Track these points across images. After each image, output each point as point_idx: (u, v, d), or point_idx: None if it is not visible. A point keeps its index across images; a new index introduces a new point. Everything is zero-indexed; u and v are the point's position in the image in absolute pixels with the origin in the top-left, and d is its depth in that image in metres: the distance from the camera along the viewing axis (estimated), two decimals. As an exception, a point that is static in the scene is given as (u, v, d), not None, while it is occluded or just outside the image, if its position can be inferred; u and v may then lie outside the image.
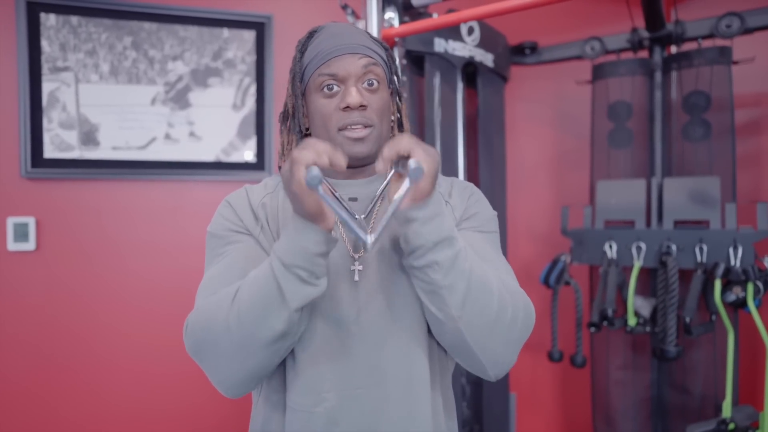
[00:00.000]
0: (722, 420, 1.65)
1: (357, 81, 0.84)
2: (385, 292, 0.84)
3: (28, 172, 1.77)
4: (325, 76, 0.83)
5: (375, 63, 0.85)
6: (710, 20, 1.80)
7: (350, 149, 0.84)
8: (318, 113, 0.85)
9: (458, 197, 0.94)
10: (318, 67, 0.84)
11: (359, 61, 0.84)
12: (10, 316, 1.79)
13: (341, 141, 0.84)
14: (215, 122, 1.95)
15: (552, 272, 1.96)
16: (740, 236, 1.67)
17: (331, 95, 0.84)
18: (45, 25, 1.78)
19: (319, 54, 0.85)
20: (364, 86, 0.84)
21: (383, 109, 0.87)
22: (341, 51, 0.84)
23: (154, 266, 1.92)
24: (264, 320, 0.72)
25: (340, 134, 0.84)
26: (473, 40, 1.89)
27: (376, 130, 0.85)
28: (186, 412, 1.94)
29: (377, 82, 0.85)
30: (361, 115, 0.83)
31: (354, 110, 0.82)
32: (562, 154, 2.39)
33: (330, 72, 0.83)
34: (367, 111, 0.84)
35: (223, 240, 0.87)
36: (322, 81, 0.84)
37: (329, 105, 0.84)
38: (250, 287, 0.74)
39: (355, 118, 0.83)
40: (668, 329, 1.74)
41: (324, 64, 0.84)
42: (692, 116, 1.85)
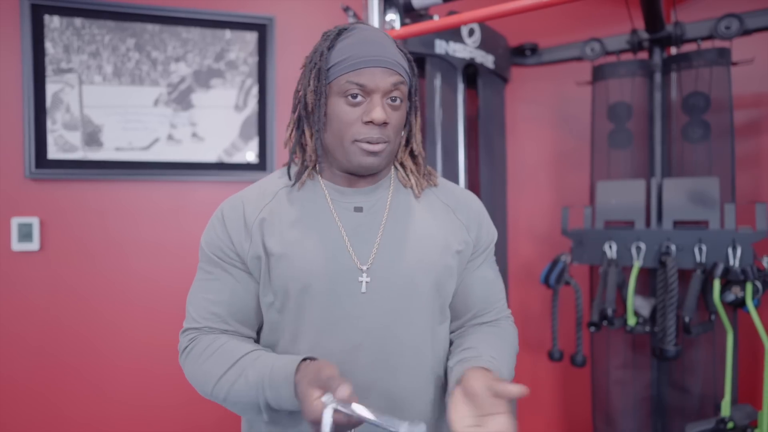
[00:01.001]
0: (721, 419, 1.66)
1: (383, 96, 0.83)
2: (394, 306, 0.86)
3: (32, 173, 1.78)
4: (353, 85, 0.82)
5: (403, 81, 0.85)
6: (709, 22, 1.81)
7: (363, 160, 0.84)
8: (337, 118, 0.84)
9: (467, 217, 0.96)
10: (347, 73, 0.82)
11: (390, 78, 0.83)
12: (14, 315, 1.80)
13: (355, 151, 0.84)
14: (218, 123, 1.97)
15: (552, 272, 1.97)
16: (739, 236, 1.68)
17: (356, 104, 0.82)
18: (49, 27, 1.80)
19: (351, 59, 0.82)
20: (387, 102, 0.84)
21: (400, 126, 0.87)
22: (375, 63, 0.82)
23: (157, 266, 1.93)
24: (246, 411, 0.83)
25: (356, 144, 0.83)
26: (474, 41, 1.91)
27: (391, 146, 0.86)
28: (188, 411, 1.95)
29: (400, 100, 0.85)
30: (381, 132, 0.83)
31: (376, 126, 0.82)
32: (563, 155, 2.40)
33: (360, 82, 0.81)
34: (386, 128, 0.83)
35: (211, 262, 0.90)
36: (349, 88, 0.82)
37: (351, 114, 0.83)
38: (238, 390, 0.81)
39: (374, 133, 0.82)
40: (668, 329, 1.75)
41: (354, 72, 0.82)
42: (692, 117, 1.86)
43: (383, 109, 0.82)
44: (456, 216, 0.95)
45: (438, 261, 0.89)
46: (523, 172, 2.41)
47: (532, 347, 2.37)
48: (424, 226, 0.91)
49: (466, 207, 0.97)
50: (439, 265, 0.89)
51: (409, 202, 0.93)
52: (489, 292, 0.98)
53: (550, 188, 2.42)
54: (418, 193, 0.94)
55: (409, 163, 0.95)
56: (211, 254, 0.89)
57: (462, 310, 0.98)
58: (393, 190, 0.93)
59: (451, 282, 0.93)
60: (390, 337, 0.85)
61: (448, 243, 0.91)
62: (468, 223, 0.95)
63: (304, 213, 0.88)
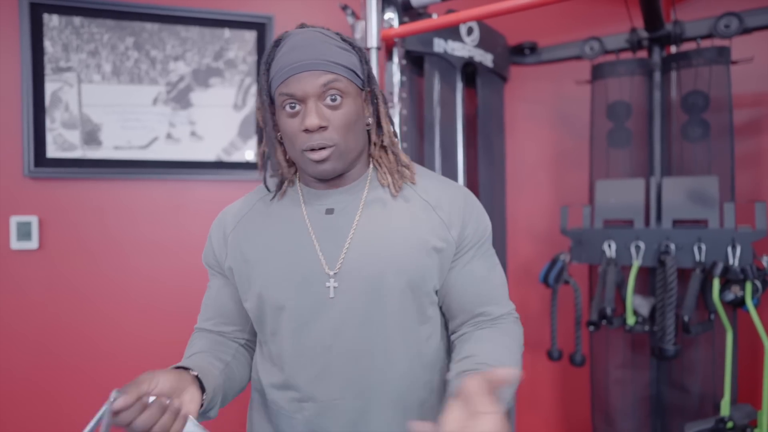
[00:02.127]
0: (720, 418, 1.66)
1: (317, 99, 0.81)
2: (362, 309, 0.85)
3: (31, 172, 1.78)
4: (284, 96, 0.82)
5: (336, 78, 0.82)
6: (709, 20, 1.81)
7: (314, 169, 0.84)
8: (284, 132, 0.85)
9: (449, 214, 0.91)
10: (279, 85, 0.82)
11: (318, 80, 0.81)
12: (13, 314, 1.80)
13: (306, 161, 0.84)
14: (216, 122, 1.97)
15: (551, 271, 1.97)
16: (739, 235, 1.68)
17: (294, 114, 0.82)
18: (48, 26, 1.80)
19: (280, 71, 0.82)
20: (326, 102, 0.82)
21: (347, 124, 0.84)
22: (299, 69, 0.80)
23: (155, 265, 1.93)
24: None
25: (304, 155, 0.83)
26: (473, 40, 1.90)
27: (339, 147, 0.83)
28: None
29: (340, 97, 0.82)
30: (321, 137, 0.81)
31: (314, 132, 0.81)
32: (562, 154, 2.40)
33: (288, 92, 0.81)
34: (327, 131, 0.82)
35: (209, 269, 1.01)
36: (283, 100, 0.82)
37: (293, 125, 0.82)
38: None
39: (315, 140, 0.81)
40: (667, 328, 1.75)
41: (283, 83, 0.81)
42: (691, 116, 1.86)
43: (317, 114, 0.80)
44: (436, 213, 0.91)
45: (411, 261, 0.87)
46: (522, 171, 2.41)
47: (531, 346, 2.36)
48: (398, 225, 0.88)
49: (449, 204, 0.92)
50: (412, 265, 0.87)
51: (384, 201, 0.91)
52: (481, 288, 0.94)
53: (549, 187, 2.41)
54: (394, 192, 0.91)
55: (384, 159, 0.93)
56: (205, 263, 1.01)
57: (456, 308, 0.95)
58: (369, 189, 0.92)
59: (431, 281, 0.90)
60: (360, 339, 0.85)
61: (425, 241, 0.88)
62: (450, 220, 0.91)
63: (277, 220, 0.91)
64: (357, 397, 0.86)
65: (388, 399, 0.87)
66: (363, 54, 0.89)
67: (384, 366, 0.86)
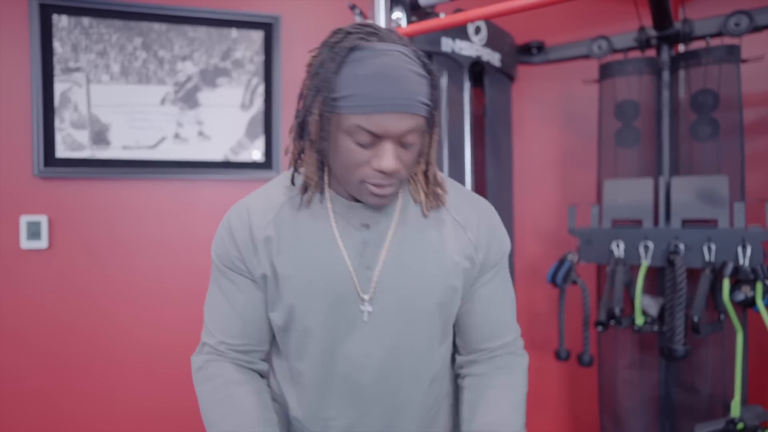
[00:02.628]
0: (731, 419, 1.64)
1: (395, 140, 0.75)
2: (395, 331, 0.85)
3: (40, 171, 1.79)
4: (362, 131, 0.73)
5: (419, 121, 0.76)
6: (718, 18, 1.80)
7: (370, 200, 0.79)
8: (344, 155, 0.76)
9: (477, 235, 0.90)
10: (355, 114, 0.73)
11: (404, 123, 0.73)
12: (23, 313, 1.81)
13: (363, 190, 0.78)
14: (224, 122, 1.97)
15: (559, 271, 1.96)
16: (749, 235, 1.66)
17: (364, 146, 0.75)
18: (57, 27, 1.81)
19: (361, 100, 0.72)
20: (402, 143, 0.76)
21: (413, 162, 0.81)
22: (388, 108, 0.72)
23: (163, 264, 1.94)
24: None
25: (363, 185, 0.77)
26: (480, 39, 1.90)
27: (401, 182, 0.81)
28: (194, 410, 1.95)
29: (416, 140, 0.77)
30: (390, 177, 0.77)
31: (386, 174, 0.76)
32: (569, 154, 2.39)
33: (369, 129, 0.73)
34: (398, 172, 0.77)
35: (220, 271, 0.89)
36: (357, 133, 0.74)
37: (359, 155, 0.75)
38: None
39: (384, 179, 0.76)
40: (676, 328, 1.73)
41: (364, 116, 0.72)
42: (700, 115, 1.85)
43: (395, 157, 0.75)
44: (465, 234, 0.89)
45: (442, 282, 0.86)
46: (530, 170, 2.40)
47: (539, 347, 2.36)
48: (431, 245, 0.87)
49: (477, 225, 0.90)
50: (443, 286, 0.86)
51: (418, 216, 0.88)
52: (496, 312, 0.94)
53: (557, 187, 2.40)
54: (426, 212, 0.88)
55: (420, 176, 0.88)
56: (221, 265, 0.88)
57: (469, 330, 0.94)
58: (402, 204, 0.88)
59: (456, 302, 0.90)
60: (391, 360, 0.86)
61: (455, 262, 0.87)
62: (477, 242, 0.89)
63: (307, 230, 0.85)
64: (383, 413, 0.87)
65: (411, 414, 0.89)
66: (436, 80, 0.81)
67: (411, 383, 0.88)
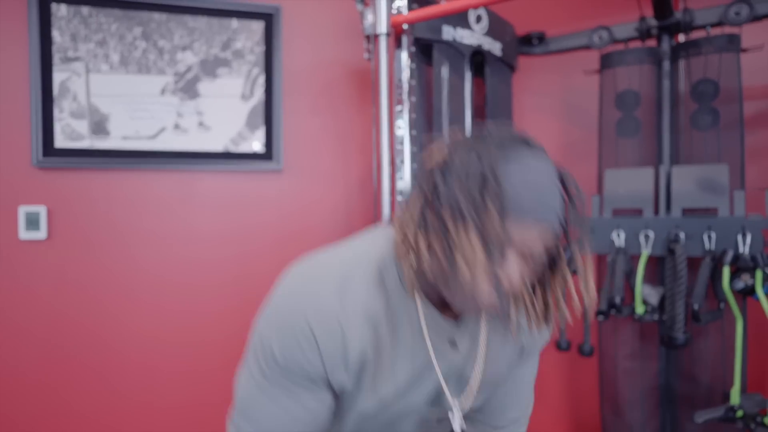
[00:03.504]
0: (730, 407, 1.65)
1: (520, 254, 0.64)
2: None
3: (39, 161, 1.78)
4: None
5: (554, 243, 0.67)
6: (719, 8, 1.80)
7: (470, 312, 0.72)
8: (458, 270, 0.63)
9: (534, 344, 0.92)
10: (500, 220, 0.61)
11: (544, 237, 0.64)
12: (21, 304, 1.81)
13: (468, 307, 0.68)
14: (224, 112, 1.96)
15: (560, 261, 1.96)
16: (749, 223, 1.67)
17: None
18: (56, 16, 1.80)
19: (510, 205, 0.62)
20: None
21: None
22: (539, 216, 0.63)
23: (162, 256, 1.93)
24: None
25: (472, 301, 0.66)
26: (481, 28, 1.90)
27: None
28: (195, 404, 1.96)
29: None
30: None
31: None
32: (570, 144, 2.39)
33: (514, 237, 0.63)
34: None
35: (285, 375, 0.70)
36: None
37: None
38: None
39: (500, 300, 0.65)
40: (676, 317, 1.74)
41: (515, 223, 0.62)
42: (700, 105, 1.85)
43: (520, 272, 0.65)
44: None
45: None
46: (530, 162, 2.40)
47: (539, 338, 2.36)
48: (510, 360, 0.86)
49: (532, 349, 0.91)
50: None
51: (500, 332, 0.82)
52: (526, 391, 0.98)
53: (557, 178, 2.40)
54: (513, 335, 0.80)
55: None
56: (286, 368, 0.70)
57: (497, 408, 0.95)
58: (486, 319, 0.80)
59: None
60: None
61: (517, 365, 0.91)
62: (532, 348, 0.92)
63: (400, 339, 0.73)
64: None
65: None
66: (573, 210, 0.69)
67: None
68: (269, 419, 0.71)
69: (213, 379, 1.95)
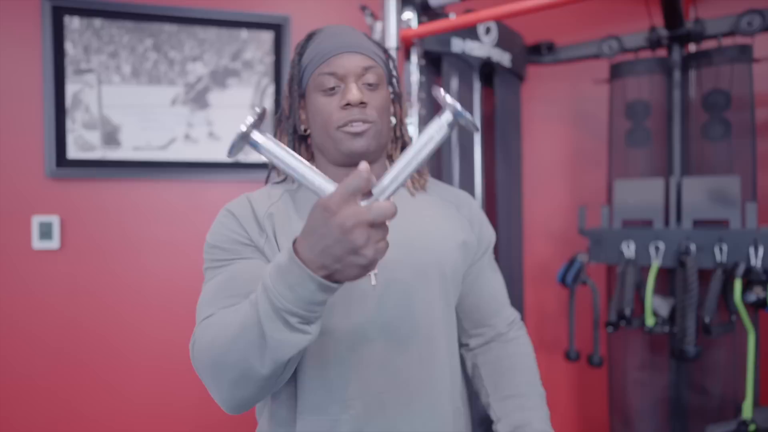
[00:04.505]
0: (743, 421, 1.63)
1: (357, 79, 0.85)
2: (403, 296, 0.85)
3: (52, 172, 1.80)
4: (324, 75, 0.84)
5: (374, 63, 0.87)
6: (730, 18, 1.79)
7: (350, 145, 0.84)
8: (318, 112, 0.86)
9: (470, 214, 0.98)
10: (318, 66, 0.85)
11: (360, 62, 0.85)
12: (34, 313, 1.83)
13: (341, 137, 0.84)
14: (234, 122, 1.98)
15: (569, 272, 1.95)
16: (761, 236, 1.65)
17: (332, 94, 0.85)
18: (69, 28, 1.82)
19: (319, 53, 0.86)
20: (364, 83, 0.85)
21: (383, 107, 0.87)
22: (341, 50, 0.85)
23: (173, 265, 1.95)
24: (246, 362, 0.67)
25: (340, 131, 0.84)
26: (491, 39, 1.90)
27: (376, 126, 0.86)
28: (203, 409, 1.97)
29: (376, 83, 0.86)
30: (360, 112, 0.84)
31: (354, 107, 0.83)
32: (579, 154, 2.38)
33: (330, 71, 0.84)
34: (367, 108, 0.84)
35: (225, 252, 0.84)
36: (322, 80, 0.84)
37: (330, 104, 0.84)
38: (234, 323, 0.68)
39: (355, 114, 0.83)
40: (687, 329, 1.73)
41: (324, 63, 0.85)
42: (712, 115, 1.84)
43: (359, 90, 0.84)
44: (459, 212, 0.97)
45: (445, 251, 0.91)
46: (540, 171, 2.39)
47: (549, 347, 2.35)
48: (428, 219, 0.92)
49: (467, 205, 0.99)
50: (446, 255, 0.91)
51: (406, 198, 0.94)
52: (498, 289, 1.03)
53: (567, 187, 2.40)
54: (412, 192, 0.95)
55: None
56: (225, 245, 0.84)
57: (477, 308, 1.00)
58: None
59: (460, 275, 0.95)
60: (402, 329, 0.85)
61: (455, 233, 0.93)
62: (471, 220, 0.98)
63: (309, 206, 0.88)
64: (400, 390, 0.84)
65: (429, 393, 0.86)
66: (390, 56, 0.94)
67: (426, 354, 0.86)
68: (214, 289, 0.80)
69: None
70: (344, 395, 0.82)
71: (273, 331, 0.63)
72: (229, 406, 0.76)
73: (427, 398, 0.86)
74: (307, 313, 0.63)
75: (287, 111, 0.91)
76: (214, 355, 0.71)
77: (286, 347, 0.64)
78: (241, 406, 0.75)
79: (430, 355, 0.87)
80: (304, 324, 0.64)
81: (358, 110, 0.83)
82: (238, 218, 0.86)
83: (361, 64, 0.85)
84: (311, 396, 0.83)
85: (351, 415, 0.82)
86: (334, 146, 0.86)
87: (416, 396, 0.85)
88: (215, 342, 0.71)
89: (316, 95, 0.86)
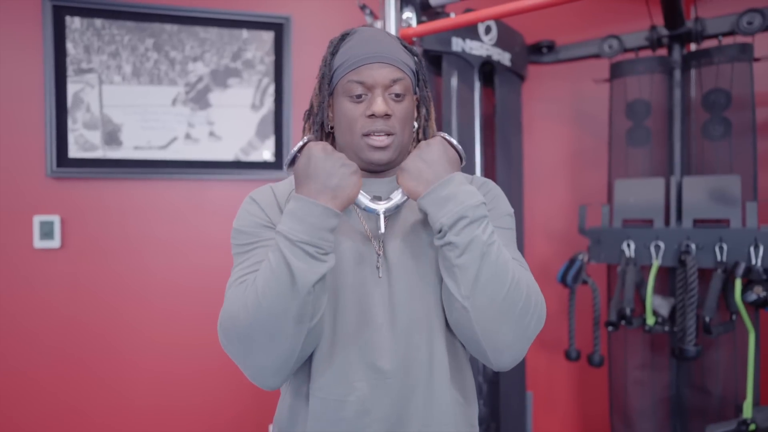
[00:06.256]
0: (743, 420, 1.63)
1: (384, 90, 0.86)
2: (408, 282, 0.88)
3: (53, 172, 1.81)
4: (353, 83, 0.86)
5: (403, 75, 0.88)
6: (731, 17, 1.78)
7: (371, 156, 0.87)
8: (344, 116, 0.88)
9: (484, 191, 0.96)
10: (347, 73, 0.87)
11: (388, 73, 0.86)
12: (35, 312, 1.83)
13: (363, 147, 0.87)
14: (234, 122, 1.98)
15: (569, 271, 1.95)
16: (761, 235, 1.65)
17: (358, 101, 0.87)
18: (70, 28, 1.83)
19: (350, 59, 0.87)
20: (390, 95, 0.87)
21: (406, 119, 0.89)
22: (372, 59, 0.86)
23: (173, 264, 1.95)
24: (279, 301, 0.75)
25: (363, 139, 0.87)
26: (490, 39, 1.90)
27: (398, 138, 0.88)
28: (205, 408, 1.97)
29: (403, 93, 0.88)
30: (384, 123, 0.86)
31: (378, 118, 0.85)
32: (580, 153, 2.38)
33: (359, 79, 0.86)
34: (390, 120, 0.86)
35: (251, 236, 0.89)
36: (351, 87, 0.86)
37: (355, 110, 0.87)
38: (263, 271, 0.77)
39: (379, 125, 0.86)
40: (687, 329, 1.73)
41: (354, 71, 0.86)
42: (712, 114, 1.83)
43: (385, 102, 0.85)
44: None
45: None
46: (540, 170, 2.39)
47: (549, 346, 2.35)
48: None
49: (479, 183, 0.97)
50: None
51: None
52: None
53: (567, 187, 2.40)
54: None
55: None
56: (249, 230, 0.89)
57: None
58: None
59: None
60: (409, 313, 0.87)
61: None
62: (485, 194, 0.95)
63: None
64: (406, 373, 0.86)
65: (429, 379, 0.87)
66: (420, 60, 0.95)
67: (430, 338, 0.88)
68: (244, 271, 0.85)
69: (224, 383, 1.96)
70: (351, 378, 0.85)
71: (296, 260, 0.74)
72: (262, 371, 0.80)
73: (429, 383, 0.88)
74: (319, 240, 0.76)
75: (316, 108, 0.93)
76: (250, 306, 0.76)
77: (309, 274, 0.75)
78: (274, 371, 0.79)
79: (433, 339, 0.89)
80: (322, 254, 0.76)
81: (382, 121, 0.86)
82: (260, 204, 0.91)
83: (389, 76, 0.86)
84: (319, 378, 0.86)
85: (357, 396, 0.85)
86: (356, 153, 0.89)
87: (420, 381, 0.87)
88: (248, 298, 0.77)
89: (343, 99, 0.88)
